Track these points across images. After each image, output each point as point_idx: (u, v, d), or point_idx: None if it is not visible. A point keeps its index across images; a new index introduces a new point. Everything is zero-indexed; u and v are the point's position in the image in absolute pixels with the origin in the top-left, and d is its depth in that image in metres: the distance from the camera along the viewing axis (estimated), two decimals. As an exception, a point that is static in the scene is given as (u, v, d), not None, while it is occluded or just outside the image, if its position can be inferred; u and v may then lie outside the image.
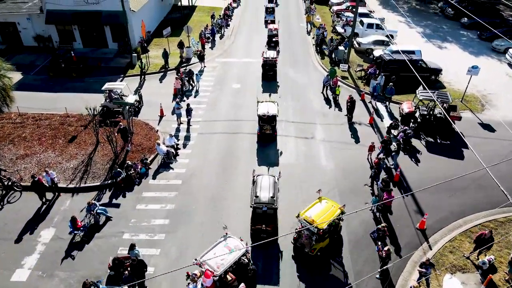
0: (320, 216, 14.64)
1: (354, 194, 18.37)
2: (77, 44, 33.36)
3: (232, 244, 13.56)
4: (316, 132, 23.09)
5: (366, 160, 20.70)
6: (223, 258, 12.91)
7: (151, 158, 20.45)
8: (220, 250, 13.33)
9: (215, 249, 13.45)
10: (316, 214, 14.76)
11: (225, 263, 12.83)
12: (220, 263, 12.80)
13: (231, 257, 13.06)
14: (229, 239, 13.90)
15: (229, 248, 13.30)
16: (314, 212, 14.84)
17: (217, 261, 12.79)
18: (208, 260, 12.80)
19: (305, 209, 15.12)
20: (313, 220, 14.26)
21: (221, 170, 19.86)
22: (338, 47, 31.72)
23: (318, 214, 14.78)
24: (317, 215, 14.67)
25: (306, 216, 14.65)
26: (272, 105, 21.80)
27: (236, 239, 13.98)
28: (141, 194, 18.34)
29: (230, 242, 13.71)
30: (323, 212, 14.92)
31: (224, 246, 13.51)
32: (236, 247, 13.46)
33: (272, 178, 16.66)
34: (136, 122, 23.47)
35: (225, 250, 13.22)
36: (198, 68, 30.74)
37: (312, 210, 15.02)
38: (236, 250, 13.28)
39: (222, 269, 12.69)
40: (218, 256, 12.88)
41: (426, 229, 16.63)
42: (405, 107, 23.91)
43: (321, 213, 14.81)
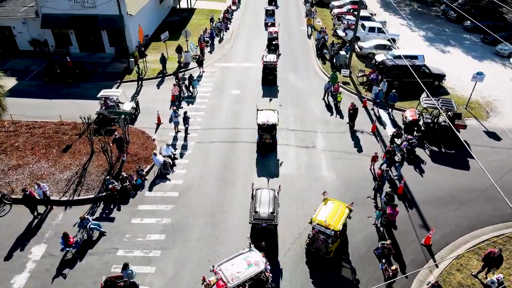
0: (332, 218, 14.57)
1: (357, 207, 17.69)
2: (73, 48, 32.75)
3: (252, 259, 12.96)
4: (317, 141, 22.48)
5: (369, 170, 20.09)
6: (240, 271, 12.45)
7: (147, 168, 19.85)
8: (239, 262, 12.82)
9: (235, 260, 12.93)
10: (328, 216, 14.60)
11: (240, 277, 12.30)
12: (236, 275, 12.32)
13: (248, 272, 12.51)
14: (251, 252, 13.28)
15: (248, 262, 12.80)
16: (325, 215, 14.67)
17: (233, 273, 12.37)
18: (224, 270, 12.44)
19: (316, 213, 14.87)
20: (328, 224, 14.15)
21: (220, 182, 19.26)
22: (340, 51, 31.12)
23: (330, 216, 14.65)
24: (330, 217, 14.54)
25: (320, 220, 14.43)
26: (272, 114, 21.19)
27: (258, 254, 13.31)
28: (137, 207, 17.73)
29: (251, 256, 13.11)
30: (333, 213, 14.84)
31: (244, 259, 12.95)
32: (256, 263, 12.85)
33: (272, 192, 16.06)
34: (133, 130, 22.86)
35: (243, 263, 12.73)
36: (196, 73, 30.11)
37: (323, 213, 14.81)
38: (254, 265, 12.75)
39: (235, 283, 12.15)
40: (235, 267, 12.51)
41: (431, 245, 16.02)
42: (408, 115, 23.30)
43: (332, 215, 14.72)
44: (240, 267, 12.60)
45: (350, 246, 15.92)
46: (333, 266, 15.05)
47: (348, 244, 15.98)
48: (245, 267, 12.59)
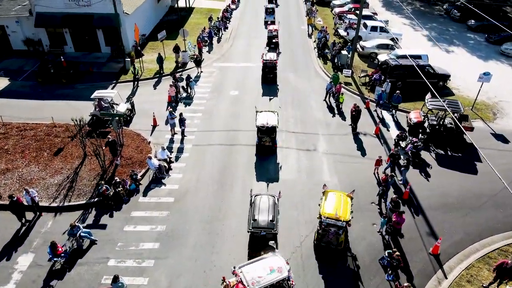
0: (340, 208, 14.38)
1: (360, 214, 16.95)
2: (68, 48, 31.98)
3: (276, 264, 12.40)
4: (319, 143, 21.68)
5: (372, 175, 19.30)
6: (262, 276, 11.93)
7: (142, 173, 19.05)
8: (261, 266, 12.29)
9: (257, 263, 12.42)
10: (335, 208, 14.38)
11: (261, 282, 11.78)
12: (257, 280, 11.82)
13: (269, 278, 11.95)
14: (275, 257, 12.74)
15: (271, 268, 12.25)
16: (332, 207, 14.43)
17: (254, 277, 11.88)
18: (246, 273, 11.98)
19: (322, 208, 14.52)
20: (339, 216, 14.00)
21: (217, 187, 18.46)
22: (341, 51, 30.32)
23: (337, 207, 14.43)
24: (337, 209, 14.33)
25: (329, 213, 14.17)
26: (271, 115, 20.40)
27: (282, 260, 12.74)
28: (130, 213, 16.93)
29: (274, 261, 12.56)
30: (338, 204, 14.63)
31: (267, 263, 12.43)
32: (279, 269, 12.25)
33: (271, 199, 15.26)
34: (127, 132, 22.07)
35: (266, 268, 12.20)
36: (194, 73, 29.33)
37: (329, 206, 14.52)
38: (277, 271, 12.18)
39: (256, 287, 11.61)
40: (257, 271, 12.04)
41: (440, 254, 15.21)
42: (413, 116, 22.51)
43: (338, 206, 14.51)
44: (262, 271, 12.09)
45: (353, 256, 15.10)
46: (338, 276, 14.25)
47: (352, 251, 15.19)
48: (267, 272, 12.08)
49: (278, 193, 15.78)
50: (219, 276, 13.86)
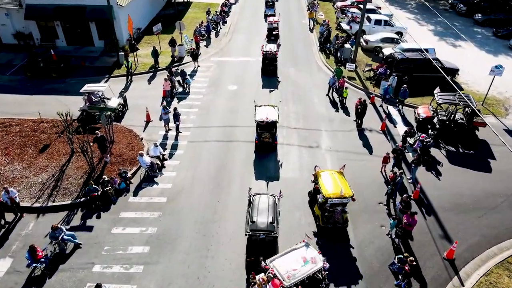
0: (340, 186, 14.25)
1: (368, 215, 15.71)
2: (60, 41, 30.71)
3: (309, 255, 11.77)
4: (322, 140, 20.42)
5: (380, 173, 18.05)
6: (296, 268, 11.21)
7: (133, 171, 17.80)
8: (293, 258, 11.61)
9: (288, 256, 11.73)
10: (335, 186, 14.24)
11: (296, 275, 11.03)
12: (292, 273, 11.05)
13: (304, 270, 11.25)
14: (307, 248, 12.08)
15: (304, 259, 11.59)
16: (332, 187, 14.25)
17: (288, 270, 11.14)
18: (278, 266, 11.27)
19: (323, 190, 14.16)
20: (344, 193, 13.83)
21: (213, 186, 17.21)
22: (344, 45, 29.05)
23: (337, 185, 14.27)
24: (337, 187, 14.19)
25: (334, 193, 13.95)
26: (271, 110, 19.16)
27: (314, 250, 12.16)
28: (119, 214, 15.68)
29: (307, 252, 11.91)
30: (336, 182, 14.51)
31: (299, 255, 11.75)
32: (313, 260, 11.61)
33: (271, 199, 14.00)
34: (119, 128, 20.82)
35: (299, 260, 11.53)
36: (191, 68, 28.10)
37: (329, 186, 14.29)
38: (311, 262, 11.51)
39: (292, 281, 10.88)
40: (290, 264, 11.36)
41: (455, 259, 13.95)
42: (421, 111, 21.27)
43: (336, 183, 14.40)
44: (296, 264, 11.36)
45: (361, 260, 13.86)
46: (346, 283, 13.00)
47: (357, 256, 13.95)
48: (301, 264, 11.37)
49: (278, 192, 14.52)
50: (213, 283, 12.65)
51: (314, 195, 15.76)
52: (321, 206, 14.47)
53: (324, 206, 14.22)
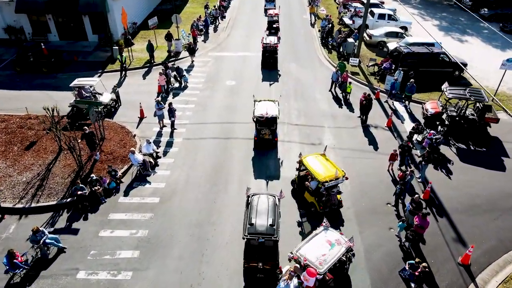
0: (329, 168, 14.07)
1: (375, 217, 14.62)
2: (52, 36, 29.64)
3: (332, 238, 11.50)
4: (324, 137, 19.34)
5: (387, 172, 16.96)
6: (325, 253, 10.92)
7: (124, 169, 16.72)
8: (319, 243, 11.27)
9: (313, 242, 11.36)
10: (326, 169, 14.01)
11: (328, 260, 10.77)
12: (322, 259, 10.77)
13: (333, 253, 11.02)
14: (328, 231, 11.77)
15: (329, 242, 11.30)
16: (324, 170, 13.96)
17: (318, 256, 10.84)
18: (306, 254, 10.86)
19: (317, 175, 13.77)
20: (338, 174, 13.67)
21: (209, 185, 16.12)
22: (347, 39, 27.96)
23: (327, 168, 14.09)
24: (328, 169, 13.99)
25: (329, 175, 13.70)
26: (271, 105, 18.08)
27: (335, 232, 11.87)
28: (107, 216, 14.59)
29: (329, 235, 11.63)
30: (324, 164, 14.29)
31: (323, 239, 11.41)
32: (338, 242, 11.35)
33: (271, 199, 12.91)
34: (111, 125, 19.75)
35: (325, 244, 11.22)
36: (187, 63, 27.03)
37: (321, 170, 13.96)
38: (337, 244, 11.26)
39: (325, 267, 10.59)
40: (317, 250, 11.04)
41: (470, 265, 12.86)
42: (429, 107, 20.17)
43: (326, 166, 14.21)
44: (323, 248, 11.05)
45: (369, 265, 12.77)
46: None
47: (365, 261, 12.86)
48: (328, 248, 11.09)
49: (279, 192, 13.43)
50: (208, 293, 11.57)
51: (300, 183, 15.05)
52: (315, 192, 14.12)
53: (319, 191, 13.83)
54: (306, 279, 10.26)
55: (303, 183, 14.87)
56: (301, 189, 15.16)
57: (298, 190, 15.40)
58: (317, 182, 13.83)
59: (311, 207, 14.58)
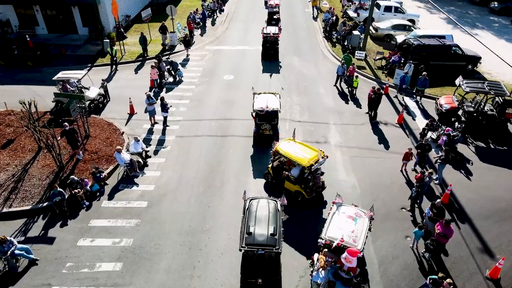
0: (308, 151, 13.46)
1: (389, 224, 13.02)
2: (40, 29, 28.05)
3: (351, 212, 10.99)
4: (330, 135, 17.74)
5: (399, 172, 15.35)
6: (353, 229, 10.40)
7: (109, 170, 15.12)
8: (342, 222, 10.65)
9: (335, 222, 10.66)
10: (305, 152, 13.32)
11: (359, 235, 10.26)
12: (354, 236, 10.22)
13: (360, 227, 10.51)
14: (343, 207, 11.21)
15: (351, 217, 10.75)
16: (304, 154, 13.22)
17: (349, 234, 10.24)
18: (338, 236, 10.17)
19: (300, 161, 12.92)
20: (322, 154, 13.16)
21: (203, 188, 14.51)
22: (353, 31, 26.36)
23: (305, 151, 13.41)
24: (307, 152, 13.35)
25: (313, 157, 13.03)
26: (272, 98, 16.53)
27: (350, 206, 11.37)
28: (88, 222, 12.98)
29: (347, 210, 11.09)
30: (301, 148, 13.63)
31: (344, 216, 10.84)
32: (358, 215, 10.86)
33: (272, 204, 11.32)
34: (97, 121, 18.17)
35: (348, 221, 10.66)
36: (183, 57, 25.44)
37: (301, 155, 13.18)
38: (359, 217, 10.78)
39: (361, 242, 10.10)
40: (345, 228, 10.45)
41: (500, 279, 11.25)
42: (444, 102, 18.58)
43: (303, 150, 13.54)
44: (349, 225, 10.51)
45: (384, 280, 11.16)
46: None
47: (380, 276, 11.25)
48: (352, 223, 10.58)
49: (282, 197, 11.82)
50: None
51: (276, 174, 14.01)
52: (299, 179, 13.29)
53: (304, 177, 13.15)
54: (349, 260, 9.43)
55: (280, 174, 13.87)
56: (279, 180, 14.01)
57: (275, 182, 14.18)
58: (300, 168, 13.11)
59: (297, 196, 13.57)
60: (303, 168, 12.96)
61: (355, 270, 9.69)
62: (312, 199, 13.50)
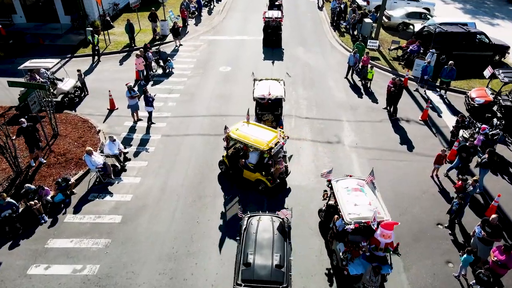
0: (265, 132, 11.91)
1: (423, 244, 10.36)
2: (18, 17, 25.39)
3: (354, 184, 9.74)
4: (344, 134, 15.08)
5: (430, 179, 12.70)
6: (369, 201, 9.19)
7: (78, 176, 12.47)
8: (352, 198, 9.26)
9: (347, 200, 9.18)
10: (263, 134, 11.71)
11: (377, 204, 9.21)
12: (373, 207, 8.92)
13: (371, 196, 9.45)
14: (341, 182, 9.82)
15: (357, 189, 9.55)
16: (262, 136, 11.61)
17: (368, 207, 8.92)
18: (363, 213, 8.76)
19: (258, 144, 11.24)
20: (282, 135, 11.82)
21: (192, 198, 11.86)
22: (364, 19, 23.70)
23: (262, 133, 11.82)
24: (265, 134, 11.77)
25: (271, 140, 11.35)
26: (275, 84, 14.05)
27: (346, 178, 10.06)
28: (45, 243, 10.33)
29: (349, 184, 9.76)
30: (256, 130, 12.02)
31: (350, 190, 9.51)
32: (360, 184, 9.75)
33: (278, 223, 8.69)
34: (71, 118, 15.55)
35: (358, 194, 9.35)
36: (172, 47, 22.83)
37: (259, 139, 11.43)
38: (361, 187, 9.66)
39: (385, 211, 9.01)
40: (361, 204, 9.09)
41: None
42: (476, 95, 15.95)
43: (260, 131, 11.93)
44: (361, 198, 9.27)
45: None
46: None
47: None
48: (363, 195, 9.41)
49: (287, 211, 9.15)
50: None
51: (232, 163, 12.20)
52: (258, 166, 11.70)
53: (264, 163, 11.56)
54: (388, 235, 8.30)
55: (237, 163, 12.07)
56: (237, 170, 12.18)
57: (232, 172, 12.34)
58: (258, 153, 11.46)
59: (258, 185, 11.88)
60: (262, 153, 11.15)
61: (393, 245, 8.49)
62: (275, 187, 11.76)
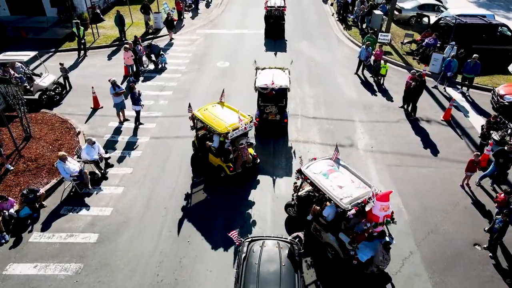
0: (230, 115, 10.88)
1: (460, 271, 8.57)
2: (1, 10, 23.60)
3: (326, 165, 8.93)
4: (357, 136, 13.30)
5: (461, 189, 10.91)
6: (351, 179, 8.55)
7: (49, 185, 10.68)
8: (332, 180, 8.44)
9: (328, 185, 8.32)
10: (226, 117, 10.76)
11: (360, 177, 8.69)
12: (357, 184, 8.42)
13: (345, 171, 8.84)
14: (312, 167, 8.95)
15: (331, 170, 8.74)
16: (224, 118, 10.70)
17: (356, 187, 8.31)
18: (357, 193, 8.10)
19: (216, 127, 10.41)
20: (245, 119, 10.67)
21: (181, 214, 10.06)
22: (373, 11, 21.92)
23: (227, 116, 10.85)
24: (229, 117, 10.78)
25: (231, 124, 10.43)
26: (279, 73, 12.48)
27: (315, 162, 9.19)
28: (3, 269, 8.54)
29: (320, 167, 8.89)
30: (223, 112, 11.11)
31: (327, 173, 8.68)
32: (330, 164, 8.97)
33: (286, 251, 6.89)
34: (48, 118, 13.78)
35: (335, 175, 8.58)
36: (166, 41, 21.06)
37: (220, 121, 10.58)
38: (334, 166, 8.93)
39: (367, 180, 8.56)
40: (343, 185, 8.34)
41: None
42: (504, 92, 14.24)
43: (226, 114, 10.97)
44: (343, 179, 8.52)
45: None
46: None
47: None
48: (340, 175, 8.65)
49: (299, 236, 7.36)
50: None
51: (201, 144, 11.50)
52: (220, 151, 10.84)
53: (224, 148, 10.62)
54: (387, 207, 7.85)
55: (204, 144, 11.33)
56: (204, 152, 11.52)
57: (200, 155, 11.73)
58: (218, 136, 10.57)
59: (220, 171, 11.08)
60: (220, 135, 10.37)
61: (389, 215, 8.09)
62: (238, 177, 10.87)
